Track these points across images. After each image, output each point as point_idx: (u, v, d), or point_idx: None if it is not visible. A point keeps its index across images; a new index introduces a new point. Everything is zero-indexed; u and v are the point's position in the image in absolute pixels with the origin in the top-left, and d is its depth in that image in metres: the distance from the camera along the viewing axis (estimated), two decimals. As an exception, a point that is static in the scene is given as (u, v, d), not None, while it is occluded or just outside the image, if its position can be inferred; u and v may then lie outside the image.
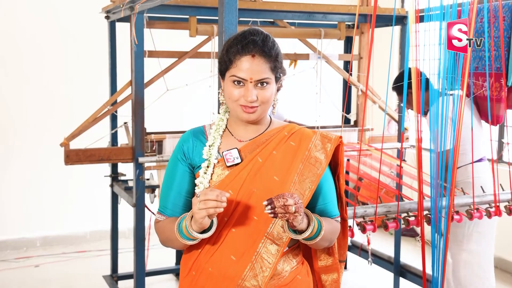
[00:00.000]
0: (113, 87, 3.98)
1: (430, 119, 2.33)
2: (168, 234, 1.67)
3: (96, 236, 5.37)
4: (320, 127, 3.84)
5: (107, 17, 3.86)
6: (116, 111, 3.72)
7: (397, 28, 4.08)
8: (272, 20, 3.91)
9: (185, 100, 4.80)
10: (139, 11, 3.17)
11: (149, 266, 3.89)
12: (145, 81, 3.43)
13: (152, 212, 3.27)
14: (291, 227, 1.57)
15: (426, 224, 2.38)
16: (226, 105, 1.73)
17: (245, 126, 1.73)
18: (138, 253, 3.49)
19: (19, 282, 4.44)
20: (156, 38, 3.50)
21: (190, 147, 1.73)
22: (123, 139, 3.83)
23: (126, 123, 3.69)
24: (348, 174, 4.13)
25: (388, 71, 2.31)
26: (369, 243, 2.51)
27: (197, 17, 3.44)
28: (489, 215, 2.61)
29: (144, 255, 3.51)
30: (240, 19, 2.37)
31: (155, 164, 3.57)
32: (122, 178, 4.00)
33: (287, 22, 3.90)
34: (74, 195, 5.27)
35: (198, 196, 1.52)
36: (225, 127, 1.75)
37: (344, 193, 1.83)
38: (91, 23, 4.98)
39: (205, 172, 1.68)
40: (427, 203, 2.41)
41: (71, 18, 5.13)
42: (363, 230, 2.36)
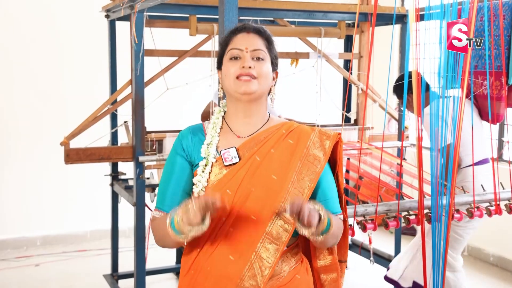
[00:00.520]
0: (113, 86, 3.98)
1: (430, 118, 2.32)
2: (162, 232, 1.63)
3: (97, 235, 5.37)
4: (320, 126, 3.84)
5: (107, 15, 3.86)
6: (116, 110, 3.72)
7: (397, 27, 4.08)
8: (272, 18, 3.91)
9: (185, 99, 4.80)
10: (139, 9, 3.17)
11: (149, 265, 3.88)
12: (145, 80, 3.43)
13: (152, 211, 3.27)
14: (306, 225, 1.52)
15: (426, 222, 2.38)
16: (225, 91, 1.72)
17: (243, 119, 1.72)
18: (139, 252, 3.49)
19: (19, 281, 4.44)
20: (156, 37, 3.50)
21: (189, 144, 1.72)
22: (123, 138, 3.83)
23: (126, 122, 3.70)
24: (348, 173, 4.14)
25: (388, 70, 2.31)
26: (370, 242, 2.51)
27: (197, 16, 3.45)
28: (489, 214, 2.61)
29: (144, 254, 3.51)
30: (241, 17, 2.37)
31: (155, 163, 3.58)
32: (122, 177, 4.00)
33: (287, 21, 3.89)
34: (74, 194, 5.27)
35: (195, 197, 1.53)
36: (221, 124, 1.74)
37: (345, 192, 1.81)
38: (90, 22, 4.98)
39: (203, 171, 1.67)
40: (427, 202, 2.41)
41: (71, 17, 5.13)
42: (364, 229, 2.36)
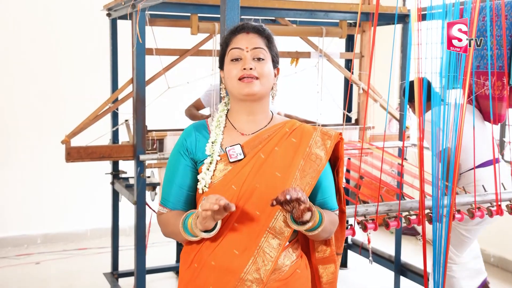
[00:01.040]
0: (114, 84, 3.98)
1: (432, 126, 2.32)
2: (172, 229, 1.71)
3: (97, 234, 5.38)
4: (321, 125, 3.83)
5: (108, 14, 3.86)
6: (117, 109, 3.72)
7: (399, 27, 4.07)
8: (273, 18, 3.90)
9: (186, 98, 4.78)
10: (141, 8, 3.17)
11: (149, 263, 3.89)
12: (146, 78, 3.43)
13: (153, 210, 3.27)
14: (296, 219, 1.60)
15: (427, 222, 2.38)
16: (228, 92, 1.75)
17: (247, 117, 1.75)
18: (139, 250, 3.49)
19: (19, 279, 4.44)
20: (158, 36, 3.50)
21: (193, 142, 1.75)
22: (124, 136, 3.83)
23: (127, 120, 3.70)
24: (349, 172, 4.13)
25: (390, 70, 2.31)
26: (369, 242, 2.52)
27: (198, 15, 3.45)
28: (490, 214, 2.61)
29: (144, 252, 3.51)
30: (242, 17, 2.37)
31: (156, 161, 3.58)
32: (123, 175, 4.00)
33: (289, 20, 3.89)
34: (75, 193, 5.27)
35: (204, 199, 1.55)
36: (225, 122, 1.77)
37: (345, 192, 1.87)
38: (91, 20, 4.99)
39: (207, 169, 1.70)
40: (428, 202, 2.41)
41: (71, 16, 5.13)
42: (364, 229, 2.36)
